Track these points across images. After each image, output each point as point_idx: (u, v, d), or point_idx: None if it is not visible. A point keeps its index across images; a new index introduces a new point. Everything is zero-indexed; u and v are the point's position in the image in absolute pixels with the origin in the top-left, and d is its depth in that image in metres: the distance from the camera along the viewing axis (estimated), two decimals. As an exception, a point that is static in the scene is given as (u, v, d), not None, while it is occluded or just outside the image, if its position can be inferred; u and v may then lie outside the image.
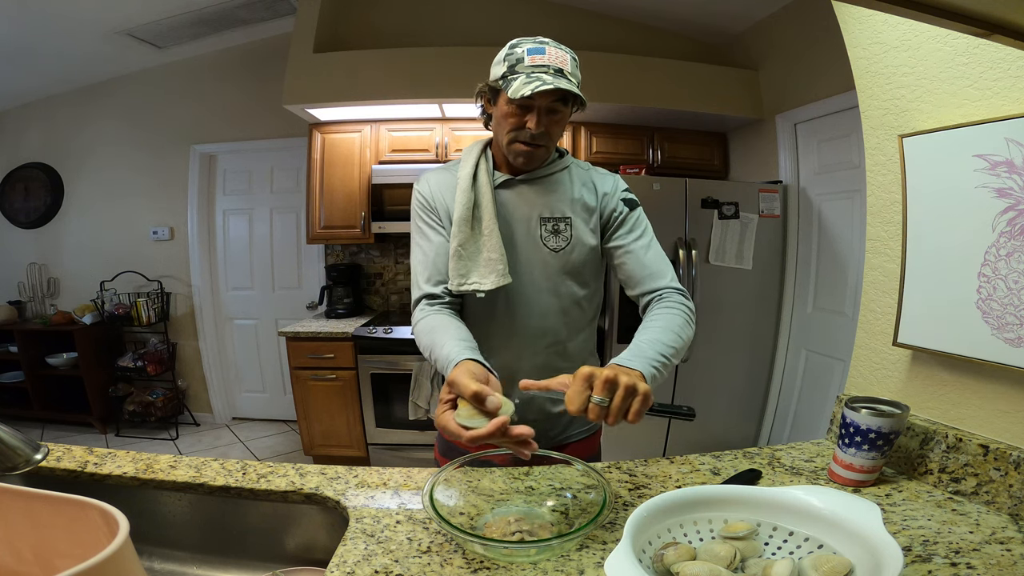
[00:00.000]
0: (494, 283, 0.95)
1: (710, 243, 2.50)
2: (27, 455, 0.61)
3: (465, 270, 0.97)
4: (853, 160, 2.27)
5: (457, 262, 0.97)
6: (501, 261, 0.96)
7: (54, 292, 3.58)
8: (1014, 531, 0.70)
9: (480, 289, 0.95)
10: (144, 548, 0.90)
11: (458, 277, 0.97)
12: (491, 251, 0.96)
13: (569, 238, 1.01)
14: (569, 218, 1.01)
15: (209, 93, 3.27)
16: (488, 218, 0.97)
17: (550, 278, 1.01)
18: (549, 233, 1.00)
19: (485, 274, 0.96)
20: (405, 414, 2.60)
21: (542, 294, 1.01)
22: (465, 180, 0.99)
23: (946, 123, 0.85)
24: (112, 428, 3.41)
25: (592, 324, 1.10)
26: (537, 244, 1.00)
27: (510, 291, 0.99)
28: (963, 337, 0.83)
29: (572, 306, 1.03)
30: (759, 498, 0.63)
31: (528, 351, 1.02)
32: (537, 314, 1.01)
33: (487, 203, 0.98)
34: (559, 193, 1.02)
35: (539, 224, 1.00)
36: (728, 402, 2.71)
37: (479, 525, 0.74)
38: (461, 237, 0.96)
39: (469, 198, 0.97)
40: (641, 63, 2.68)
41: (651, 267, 0.99)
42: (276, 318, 3.47)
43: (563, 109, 0.94)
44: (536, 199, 1.01)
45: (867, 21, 0.99)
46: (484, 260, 0.96)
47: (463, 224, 0.96)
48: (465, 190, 0.98)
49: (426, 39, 2.93)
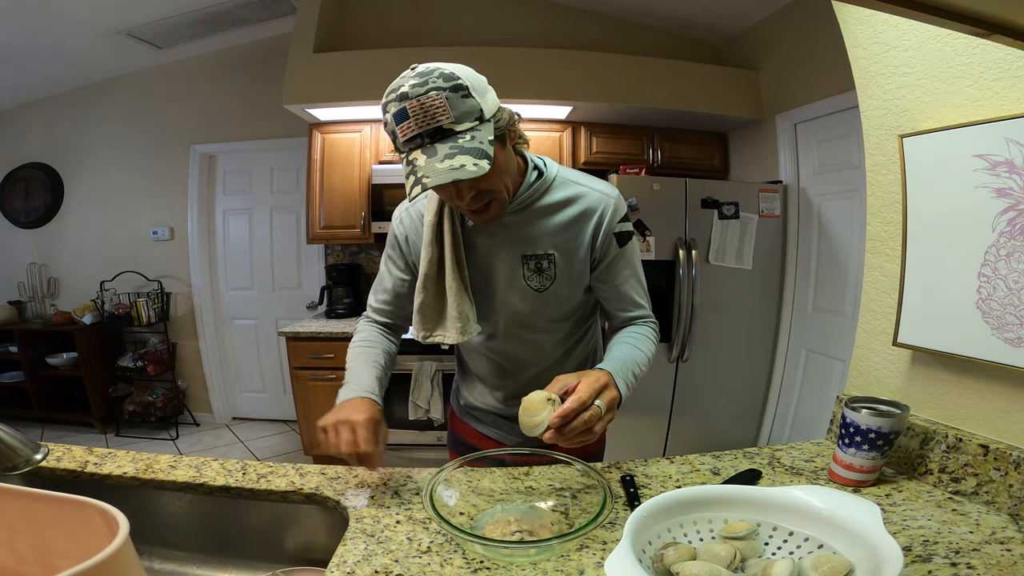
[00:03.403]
0: (455, 339, 0.92)
1: (710, 243, 2.50)
2: (27, 455, 0.61)
3: (430, 324, 0.95)
4: (853, 160, 2.27)
5: (421, 320, 0.95)
6: (461, 319, 0.91)
7: (54, 292, 3.58)
8: (1014, 531, 0.70)
9: (444, 343, 0.94)
10: (144, 548, 0.90)
11: (423, 330, 0.95)
12: (452, 309, 0.91)
13: (553, 276, 0.92)
14: (552, 255, 0.91)
15: (209, 93, 3.27)
16: (450, 275, 0.90)
17: (536, 316, 0.96)
18: (532, 272, 0.92)
19: (448, 328, 0.93)
20: (405, 414, 2.60)
21: (530, 331, 0.98)
22: (428, 232, 0.91)
23: (946, 123, 0.85)
24: (112, 428, 3.41)
25: (590, 333, 1.08)
26: (519, 284, 0.93)
27: (496, 332, 0.98)
28: (963, 337, 0.83)
29: (564, 335, 1.01)
30: (759, 498, 0.63)
31: (522, 377, 1.03)
32: (527, 349, 1.00)
33: (449, 259, 0.90)
34: (542, 226, 0.91)
35: (521, 263, 0.92)
36: (728, 402, 2.71)
37: (479, 525, 0.74)
38: (423, 297, 0.93)
39: (431, 255, 0.91)
40: (641, 63, 2.68)
41: (629, 300, 0.98)
42: (276, 318, 3.47)
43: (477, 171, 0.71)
44: (515, 237, 0.91)
45: (867, 21, 0.99)
46: (447, 316, 0.93)
47: (427, 283, 0.92)
48: (428, 244, 0.91)
49: (426, 39, 2.93)
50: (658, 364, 2.52)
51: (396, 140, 0.73)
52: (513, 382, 1.04)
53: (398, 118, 0.70)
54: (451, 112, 0.70)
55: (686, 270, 2.45)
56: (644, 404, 2.57)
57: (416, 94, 0.69)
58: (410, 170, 0.70)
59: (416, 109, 0.69)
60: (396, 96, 0.71)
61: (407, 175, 0.71)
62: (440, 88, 0.69)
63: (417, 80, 0.70)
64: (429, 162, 0.69)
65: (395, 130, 0.72)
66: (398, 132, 0.71)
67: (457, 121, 0.70)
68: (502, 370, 1.04)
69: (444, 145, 0.70)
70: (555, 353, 1.03)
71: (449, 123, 0.70)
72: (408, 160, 0.71)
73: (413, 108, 0.69)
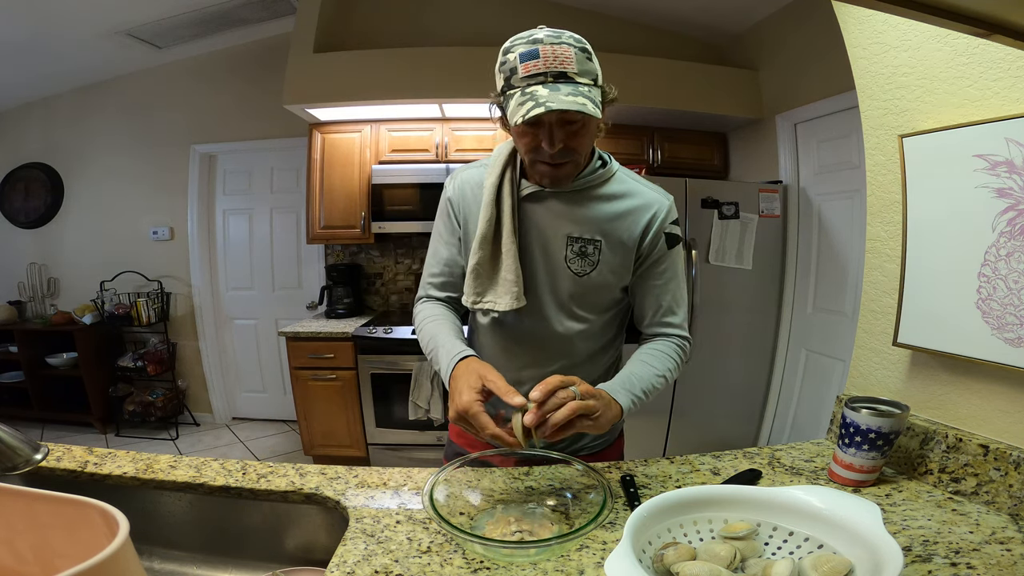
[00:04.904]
0: (508, 305, 0.91)
1: (710, 243, 2.50)
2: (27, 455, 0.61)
3: (481, 288, 0.94)
4: (853, 160, 2.27)
5: (474, 280, 0.94)
6: (516, 283, 0.91)
7: (54, 292, 3.58)
8: (1014, 531, 0.70)
9: (495, 309, 0.93)
10: (144, 548, 0.90)
11: (473, 295, 0.95)
12: (507, 272, 0.91)
13: (596, 262, 0.92)
14: (599, 241, 0.92)
15: (209, 93, 3.27)
16: (507, 237, 0.91)
17: (569, 302, 0.95)
18: (575, 255, 0.92)
19: (500, 294, 0.92)
20: (405, 414, 2.60)
21: (558, 318, 0.95)
22: (489, 193, 0.92)
23: (946, 123, 0.85)
24: (112, 428, 3.41)
25: (613, 346, 1.04)
26: (560, 265, 0.93)
27: (524, 311, 0.94)
28: (963, 337, 0.83)
29: (590, 333, 0.98)
30: (759, 498, 0.63)
31: (534, 366, 0.98)
32: (549, 337, 0.96)
33: (508, 221, 0.91)
34: (593, 210, 0.92)
35: (565, 243, 0.92)
36: (728, 402, 2.71)
37: (479, 525, 0.74)
38: (479, 256, 0.92)
39: (491, 215, 0.91)
40: (641, 63, 2.68)
41: (666, 308, 0.96)
42: (276, 318, 3.47)
43: (580, 118, 0.80)
44: (566, 215, 0.92)
45: (867, 21, 0.99)
46: (500, 280, 0.92)
47: (483, 243, 0.92)
48: (488, 204, 0.92)
49: (426, 39, 2.92)
50: (658, 364, 2.52)
51: (512, 76, 0.79)
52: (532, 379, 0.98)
53: (525, 57, 0.78)
54: (576, 66, 0.78)
55: (686, 270, 2.45)
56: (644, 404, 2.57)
57: (550, 41, 0.78)
58: (527, 98, 0.76)
59: (548, 52, 0.77)
60: (527, 40, 0.79)
61: (520, 103, 0.77)
62: (571, 44, 0.79)
63: (551, 32, 0.79)
64: (553, 93, 0.75)
65: (516, 67, 0.78)
66: (520, 68, 0.78)
67: (579, 75, 0.78)
68: (524, 361, 0.99)
69: (567, 86, 0.77)
70: (583, 349, 0.99)
71: (573, 73, 0.78)
72: (524, 91, 0.78)
73: (545, 51, 0.77)
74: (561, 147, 0.81)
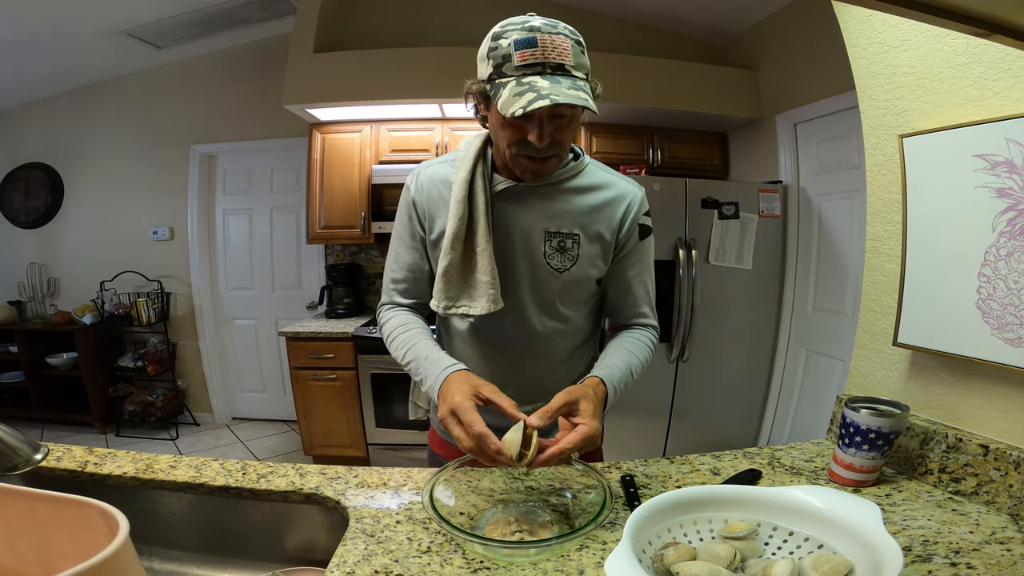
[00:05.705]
0: (484, 308, 0.87)
1: (710, 243, 2.50)
2: (27, 455, 0.61)
3: (453, 292, 0.89)
4: (853, 160, 2.27)
5: (445, 284, 0.89)
6: (493, 285, 0.86)
7: (54, 292, 3.58)
8: (1014, 531, 0.70)
9: (470, 314, 0.89)
10: (144, 548, 0.90)
11: (445, 299, 0.90)
12: (483, 273, 0.87)
13: (575, 257, 0.90)
14: (577, 235, 0.89)
15: (209, 93, 3.26)
16: (482, 236, 0.87)
17: (549, 299, 0.92)
18: (554, 250, 0.89)
19: (476, 297, 0.88)
20: (405, 414, 2.60)
21: (539, 317, 0.93)
22: (460, 190, 0.88)
23: (946, 123, 0.85)
24: (112, 428, 3.41)
25: (591, 339, 1.03)
26: (538, 262, 0.90)
27: (501, 313, 0.90)
28: (963, 337, 0.83)
29: (570, 330, 0.96)
30: (759, 498, 0.63)
31: (515, 368, 0.95)
32: (530, 338, 0.94)
33: (482, 219, 0.87)
34: (569, 203, 0.89)
35: (543, 239, 0.89)
36: (728, 402, 2.70)
37: (479, 525, 0.74)
38: (451, 257, 0.87)
39: (463, 212, 0.87)
40: (641, 63, 2.68)
41: (637, 301, 0.97)
42: (276, 318, 3.47)
43: (569, 113, 0.79)
44: (542, 209, 0.89)
45: (867, 21, 0.99)
46: (475, 283, 0.88)
47: (455, 243, 0.87)
48: (459, 202, 0.87)
49: (426, 39, 2.92)
50: (658, 364, 2.52)
51: (505, 64, 0.75)
52: (514, 382, 0.97)
53: (520, 44, 0.74)
54: (572, 59, 0.75)
55: (686, 270, 2.45)
56: (644, 404, 2.57)
57: (548, 30, 0.74)
58: (525, 89, 0.73)
59: (547, 41, 0.74)
60: (523, 27, 0.75)
61: (517, 94, 0.73)
62: (568, 36, 0.76)
63: (547, 21, 0.76)
64: (555, 86, 0.73)
65: (511, 54, 0.75)
66: (515, 57, 0.74)
67: (575, 68, 0.76)
68: (503, 365, 0.96)
69: (566, 79, 0.75)
70: (564, 347, 0.97)
71: (570, 66, 0.75)
72: (520, 81, 0.74)
73: (543, 40, 0.74)
74: (550, 141, 0.79)
